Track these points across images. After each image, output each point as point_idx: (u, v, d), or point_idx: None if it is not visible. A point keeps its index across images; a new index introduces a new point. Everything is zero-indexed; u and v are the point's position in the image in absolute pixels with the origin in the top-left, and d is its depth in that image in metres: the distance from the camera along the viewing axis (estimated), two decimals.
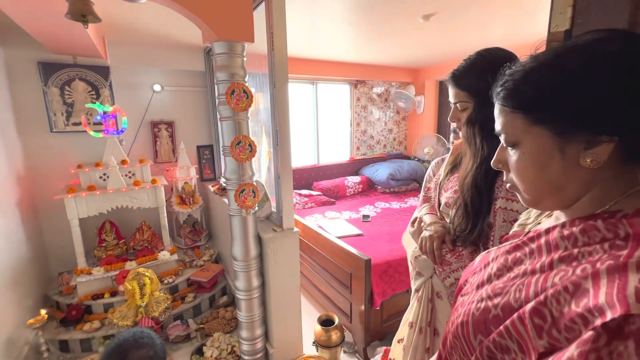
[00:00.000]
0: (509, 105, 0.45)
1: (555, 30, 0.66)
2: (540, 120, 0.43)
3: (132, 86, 2.56)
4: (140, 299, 1.97)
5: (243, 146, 1.47)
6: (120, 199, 2.20)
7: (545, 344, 0.36)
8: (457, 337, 0.50)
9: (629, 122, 0.38)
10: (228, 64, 1.41)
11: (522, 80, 0.43)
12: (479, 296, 0.49)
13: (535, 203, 0.49)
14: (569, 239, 0.42)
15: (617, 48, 0.38)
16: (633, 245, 0.35)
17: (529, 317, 0.38)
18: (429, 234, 0.97)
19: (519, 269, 0.47)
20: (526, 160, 0.46)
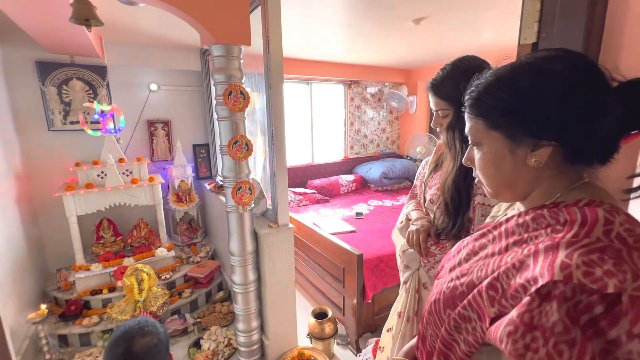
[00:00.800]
0: (472, 112, 0.53)
1: (524, 43, 0.74)
2: (496, 126, 0.50)
3: (129, 85, 2.59)
4: (138, 294, 2.02)
5: (240, 145, 1.53)
6: (118, 197, 2.24)
7: (496, 310, 0.44)
8: (431, 313, 0.58)
9: (564, 131, 0.46)
10: (226, 66, 1.47)
11: (483, 92, 0.51)
12: (450, 277, 0.57)
13: (496, 195, 0.57)
14: (522, 226, 0.50)
15: (559, 67, 0.46)
16: (568, 228, 0.43)
17: (485, 290, 0.46)
18: (415, 228, 1.05)
19: (483, 252, 0.55)
20: (486, 159, 0.54)
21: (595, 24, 0.62)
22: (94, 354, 1.90)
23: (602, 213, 0.42)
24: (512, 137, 0.49)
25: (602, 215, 0.42)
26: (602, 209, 0.43)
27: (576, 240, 0.40)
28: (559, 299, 0.37)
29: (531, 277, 0.40)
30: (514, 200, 0.58)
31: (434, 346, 0.57)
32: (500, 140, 0.51)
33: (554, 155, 0.48)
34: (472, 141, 0.56)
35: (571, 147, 0.47)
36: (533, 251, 0.43)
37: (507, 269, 0.45)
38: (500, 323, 0.42)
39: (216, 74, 1.48)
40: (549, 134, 0.46)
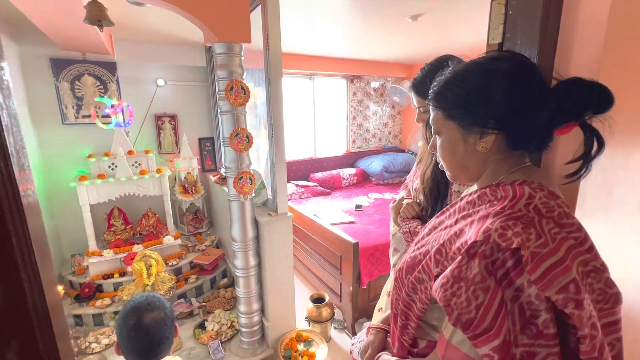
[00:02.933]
0: (433, 104, 0.62)
1: (492, 42, 0.81)
2: (452, 117, 0.59)
3: (137, 81, 2.70)
4: (147, 278, 2.15)
5: (241, 137, 1.62)
6: (127, 187, 2.36)
7: (439, 270, 0.53)
8: (396, 280, 0.67)
9: (506, 121, 0.54)
10: (227, 63, 1.56)
11: (442, 86, 0.60)
12: (412, 249, 0.66)
13: (454, 177, 0.66)
14: (470, 203, 0.59)
15: (504, 66, 0.54)
16: (500, 202, 0.51)
17: (433, 255, 0.55)
18: (405, 201, 1.15)
19: (441, 227, 0.64)
20: (444, 145, 0.63)
21: (550, 26, 0.69)
22: (106, 332, 2.04)
23: (527, 190, 0.51)
24: (464, 126, 0.58)
25: (527, 191, 0.50)
26: (529, 187, 0.51)
27: (502, 211, 0.49)
28: (480, 256, 0.46)
29: (464, 241, 0.49)
30: (468, 182, 0.67)
31: (398, 308, 0.66)
32: (455, 129, 0.59)
33: (498, 142, 0.56)
34: (434, 130, 0.64)
35: (512, 135, 0.55)
36: (470, 221, 0.52)
37: (451, 236, 0.54)
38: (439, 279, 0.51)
39: (218, 70, 1.57)
40: (492, 123, 0.54)
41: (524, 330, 0.44)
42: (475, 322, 0.45)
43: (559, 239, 0.45)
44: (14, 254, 0.39)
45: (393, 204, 1.24)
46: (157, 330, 1.11)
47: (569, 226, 0.48)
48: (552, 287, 0.42)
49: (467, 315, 0.46)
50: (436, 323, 0.61)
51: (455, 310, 0.46)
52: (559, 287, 0.42)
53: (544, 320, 0.43)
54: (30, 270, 0.41)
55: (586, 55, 0.67)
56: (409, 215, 1.12)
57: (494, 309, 0.44)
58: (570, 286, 0.42)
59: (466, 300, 0.45)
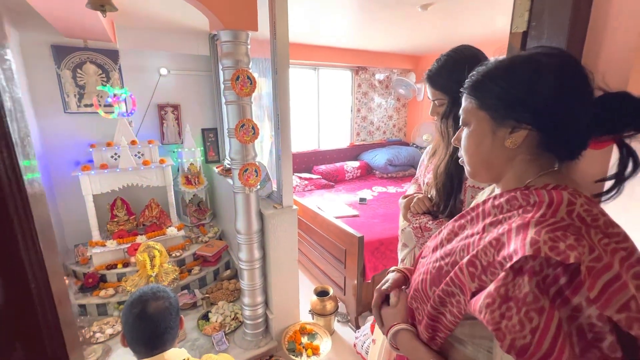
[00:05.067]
0: (468, 92, 0.59)
1: (515, 31, 0.77)
2: (485, 106, 0.56)
3: (140, 69, 2.66)
4: (150, 269, 2.14)
5: (247, 128, 1.59)
6: (130, 177, 2.34)
7: (476, 285, 0.50)
8: (417, 291, 0.64)
9: (542, 118, 0.51)
10: (233, 52, 1.52)
11: (482, 76, 0.57)
12: (435, 258, 0.63)
13: (473, 174, 0.63)
14: (498, 207, 0.56)
15: (554, 63, 0.51)
16: (536, 209, 0.48)
17: (466, 267, 0.52)
18: (418, 197, 1.12)
19: (463, 232, 0.61)
20: (470, 137, 0.60)
21: (581, 14, 0.65)
22: (110, 322, 2.04)
23: (566, 195, 0.48)
24: (496, 118, 0.55)
25: (566, 197, 0.47)
26: (567, 192, 0.48)
27: (544, 219, 0.46)
28: (530, 273, 0.43)
29: (507, 254, 0.46)
30: (489, 181, 0.64)
31: (421, 319, 0.64)
32: (486, 120, 0.56)
33: (529, 141, 0.53)
34: (463, 120, 0.61)
35: (547, 135, 0.52)
36: (507, 230, 0.49)
37: (485, 247, 0.51)
38: (479, 296, 0.48)
39: (224, 59, 1.53)
40: (527, 118, 0.51)
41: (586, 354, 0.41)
42: (532, 348, 0.41)
43: (610, 251, 0.42)
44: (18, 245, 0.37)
45: (403, 199, 1.22)
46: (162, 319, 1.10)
47: (615, 236, 0.45)
48: (612, 306, 0.39)
49: (521, 340, 0.42)
50: (464, 338, 0.58)
51: (508, 335, 0.42)
52: (618, 305, 0.39)
53: (610, 343, 0.39)
54: (35, 261, 0.39)
55: (618, 47, 0.63)
56: (419, 210, 1.10)
57: (552, 332, 0.40)
58: (632, 304, 0.39)
59: (519, 323, 0.42)
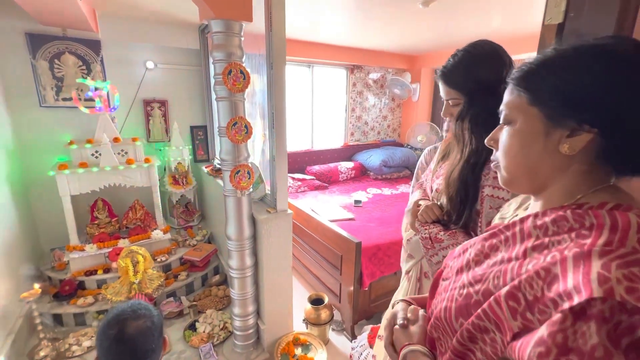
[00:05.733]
0: (517, 84, 0.50)
1: (549, 23, 0.68)
2: (539, 102, 0.47)
3: (124, 62, 2.50)
4: (133, 275, 2.00)
5: (239, 127, 1.47)
6: (112, 177, 2.19)
7: (519, 324, 0.40)
8: (439, 319, 0.55)
9: (612, 120, 0.42)
10: (225, 43, 1.40)
11: (537, 66, 0.47)
12: (461, 282, 0.54)
13: (509, 182, 0.54)
14: (541, 228, 0.46)
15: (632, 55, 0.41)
16: (596, 234, 0.39)
17: (505, 300, 0.42)
18: (424, 203, 1.03)
19: (495, 255, 0.51)
20: (515, 136, 0.50)
21: (631, 4, 0.57)
22: (88, 333, 1.89)
23: (634, 219, 0.38)
24: (551, 117, 0.45)
25: (635, 221, 0.38)
26: (633, 214, 0.39)
27: (610, 249, 0.37)
28: (598, 319, 0.33)
29: (563, 290, 0.36)
30: (527, 191, 0.55)
31: (443, 352, 0.54)
32: (538, 119, 0.47)
33: (589, 149, 0.44)
34: (505, 117, 0.52)
35: (612, 140, 0.43)
36: (559, 259, 0.40)
37: (530, 277, 0.41)
38: (527, 341, 0.38)
39: (215, 51, 1.41)
40: (593, 119, 0.42)
41: None
42: None
43: None
44: None
45: (408, 209, 1.12)
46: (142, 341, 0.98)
47: None
48: None
49: None
50: None
51: None
52: None
53: None
54: None
55: None
56: (428, 219, 1.01)
57: None
58: None
59: None
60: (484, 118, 0.89)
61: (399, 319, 0.66)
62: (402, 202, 3.10)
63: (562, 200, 0.48)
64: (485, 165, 0.89)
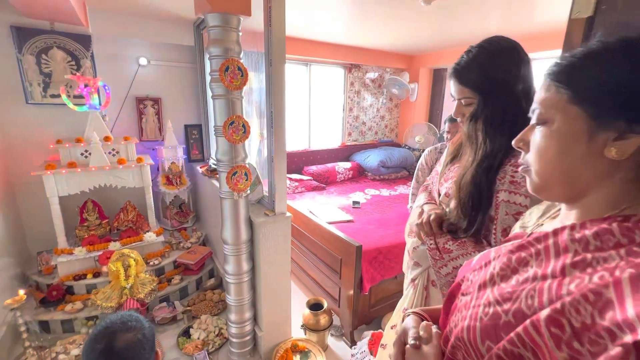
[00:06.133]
0: (557, 79, 0.44)
1: (576, 17, 0.63)
2: (583, 100, 0.41)
3: (115, 58, 2.41)
4: (125, 280, 1.92)
5: (237, 127, 1.41)
6: (103, 178, 2.10)
7: (565, 356, 0.35)
8: (460, 340, 0.49)
9: None
10: (222, 38, 1.33)
11: (580, 60, 0.42)
12: (486, 299, 0.48)
13: (542, 188, 0.48)
14: (580, 242, 0.41)
15: None
16: None
17: (545, 325, 0.37)
18: (428, 208, 0.97)
19: (525, 270, 0.46)
20: (552, 138, 0.45)
21: None
22: (77, 341, 1.81)
23: None
24: (597, 116, 0.40)
25: None
26: None
27: None
28: None
29: (622, 320, 0.31)
30: (561, 199, 0.49)
31: None
32: (580, 119, 0.42)
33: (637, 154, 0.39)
34: (539, 116, 0.47)
35: None
36: (612, 281, 0.34)
37: (576, 300, 0.36)
38: None
39: (212, 47, 1.34)
40: None
41: None
42: None
43: None
44: None
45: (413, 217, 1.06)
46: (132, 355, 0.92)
47: None
48: None
49: None
50: None
51: None
52: None
53: None
54: None
55: None
56: (436, 231, 0.94)
57: None
58: None
59: None
60: (499, 118, 0.84)
61: (411, 338, 0.60)
62: (401, 203, 3.05)
63: (603, 211, 0.43)
64: (501, 168, 0.84)
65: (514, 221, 0.80)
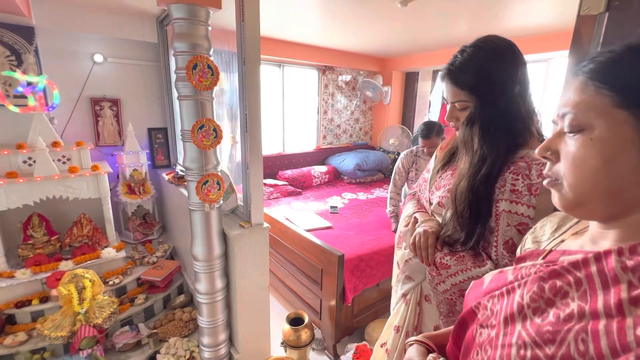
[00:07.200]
0: (597, 78, 0.38)
1: (585, 14, 0.59)
2: (630, 104, 0.35)
3: (65, 54, 2.15)
4: (78, 304, 1.69)
5: (207, 131, 1.27)
6: (51, 189, 1.85)
7: None
8: None
9: None
10: (189, 32, 1.19)
11: (622, 55, 0.36)
12: (519, 338, 0.41)
13: (576, 205, 0.42)
14: (635, 272, 0.34)
15: None
16: None
17: None
18: (423, 229, 0.89)
19: (565, 304, 0.39)
20: (592, 148, 0.38)
21: None
22: None
23: None
24: None
25: None
26: None
27: None
28: None
29: None
30: (599, 218, 0.43)
31: None
32: (627, 125, 0.36)
33: None
34: (573, 122, 0.40)
35: None
36: None
37: None
38: None
39: (177, 42, 1.20)
40: None
41: None
42: None
43: None
44: None
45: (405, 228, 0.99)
46: None
47: None
48: None
49: None
50: None
51: None
52: None
53: None
54: None
55: None
56: (432, 245, 0.87)
57: None
58: None
59: None
60: (497, 123, 0.78)
61: None
62: (379, 207, 3.02)
63: None
64: (500, 176, 0.78)
65: (517, 233, 0.75)
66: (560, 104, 0.44)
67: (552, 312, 0.40)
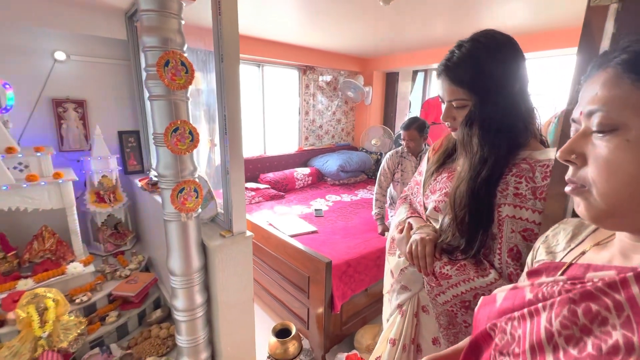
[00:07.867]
0: (633, 70, 0.33)
1: (596, 4, 0.54)
2: None
3: (21, 51, 1.96)
4: (39, 328, 1.52)
5: (182, 134, 1.16)
6: (6, 200, 1.67)
7: None
8: None
9: None
10: (159, 26, 1.08)
11: None
12: None
13: (608, 215, 0.37)
14: None
15: None
16: None
17: None
18: (419, 237, 0.83)
19: (606, 333, 0.33)
20: (629, 151, 0.34)
21: None
22: None
23: None
24: None
25: None
26: None
27: None
28: None
29: None
30: (635, 230, 0.38)
31: None
32: None
33: None
34: (604, 120, 0.35)
35: None
36: None
37: None
38: None
39: (146, 36, 1.08)
40: None
41: None
42: None
43: None
44: None
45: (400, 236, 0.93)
46: None
47: None
48: None
49: None
50: None
51: None
52: None
53: None
54: None
55: None
56: (430, 254, 0.82)
57: None
58: None
59: None
60: (498, 122, 0.74)
61: None
62: (364, 208, 2.98)
63: None
64: (502, 179, 0.74)
65: (522, 239, 0.71)
66: (584, 101, 0.39)
67: (590, 343, 0.34)
